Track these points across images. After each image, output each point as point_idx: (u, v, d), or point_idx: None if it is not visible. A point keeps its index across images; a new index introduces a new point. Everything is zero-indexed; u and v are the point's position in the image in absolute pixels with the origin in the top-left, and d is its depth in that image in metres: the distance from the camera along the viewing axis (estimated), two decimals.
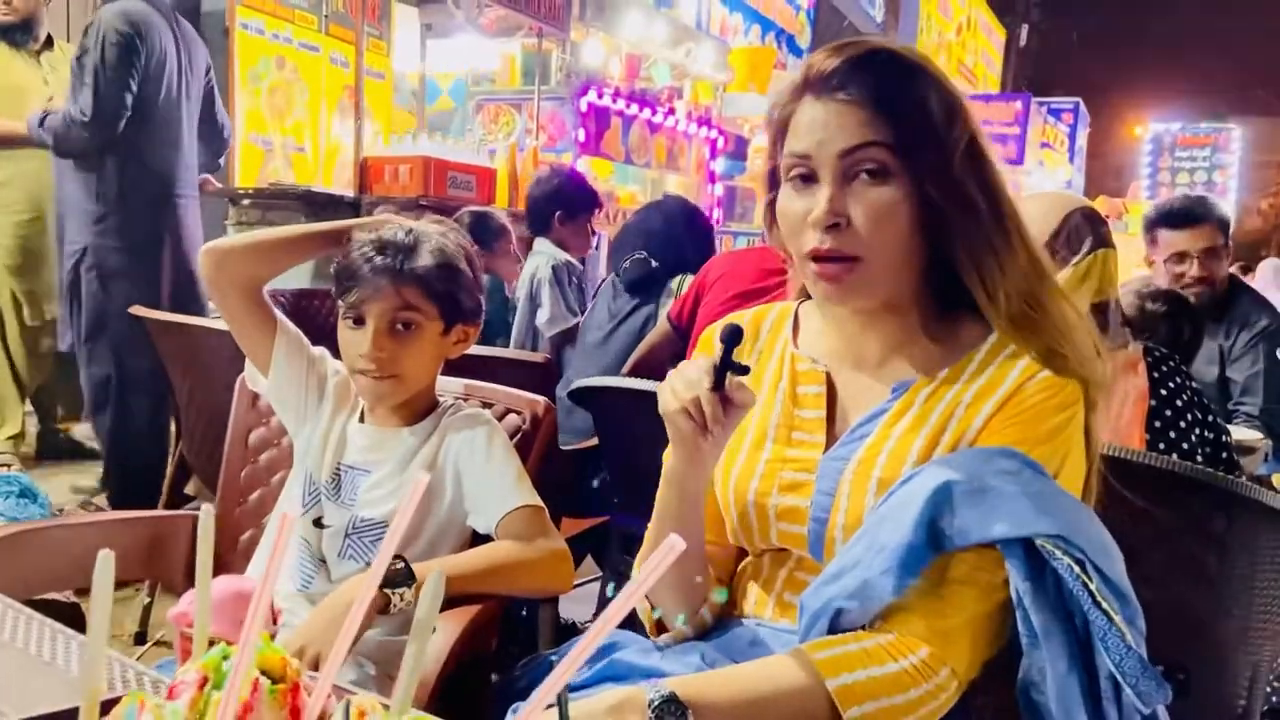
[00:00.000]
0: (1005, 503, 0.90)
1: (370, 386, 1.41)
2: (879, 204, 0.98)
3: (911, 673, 0.93)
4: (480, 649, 1.34)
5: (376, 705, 0.65)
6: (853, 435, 1.05)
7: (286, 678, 0.73)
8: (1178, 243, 2.97)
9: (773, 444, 1.09)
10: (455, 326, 1.45)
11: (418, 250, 1.40)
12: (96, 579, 0.64)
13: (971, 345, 1.05)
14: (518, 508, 1.37)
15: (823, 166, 1.00)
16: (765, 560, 1.12)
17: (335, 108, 6.12)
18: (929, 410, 1.02)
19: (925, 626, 0.94)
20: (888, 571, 0.92)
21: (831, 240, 0.99)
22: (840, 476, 1.03)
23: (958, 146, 1.00)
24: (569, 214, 3.61)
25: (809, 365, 1.11)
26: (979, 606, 0.94)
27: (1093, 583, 0.89)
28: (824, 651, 0.94)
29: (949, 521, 0.91)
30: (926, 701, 0.93)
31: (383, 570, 0.71)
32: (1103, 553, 0.92)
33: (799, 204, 1.02)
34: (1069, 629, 0.91)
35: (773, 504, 1.07)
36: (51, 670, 1.03)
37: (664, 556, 0.57)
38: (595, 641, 0.60)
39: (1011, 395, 1.00)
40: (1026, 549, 0.91)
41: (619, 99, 6.57)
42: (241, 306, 1.44)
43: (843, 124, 0.99)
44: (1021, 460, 0.95)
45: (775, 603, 1.09)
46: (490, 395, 1.60)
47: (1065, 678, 0.90)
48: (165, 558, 1.51)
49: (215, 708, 0.67)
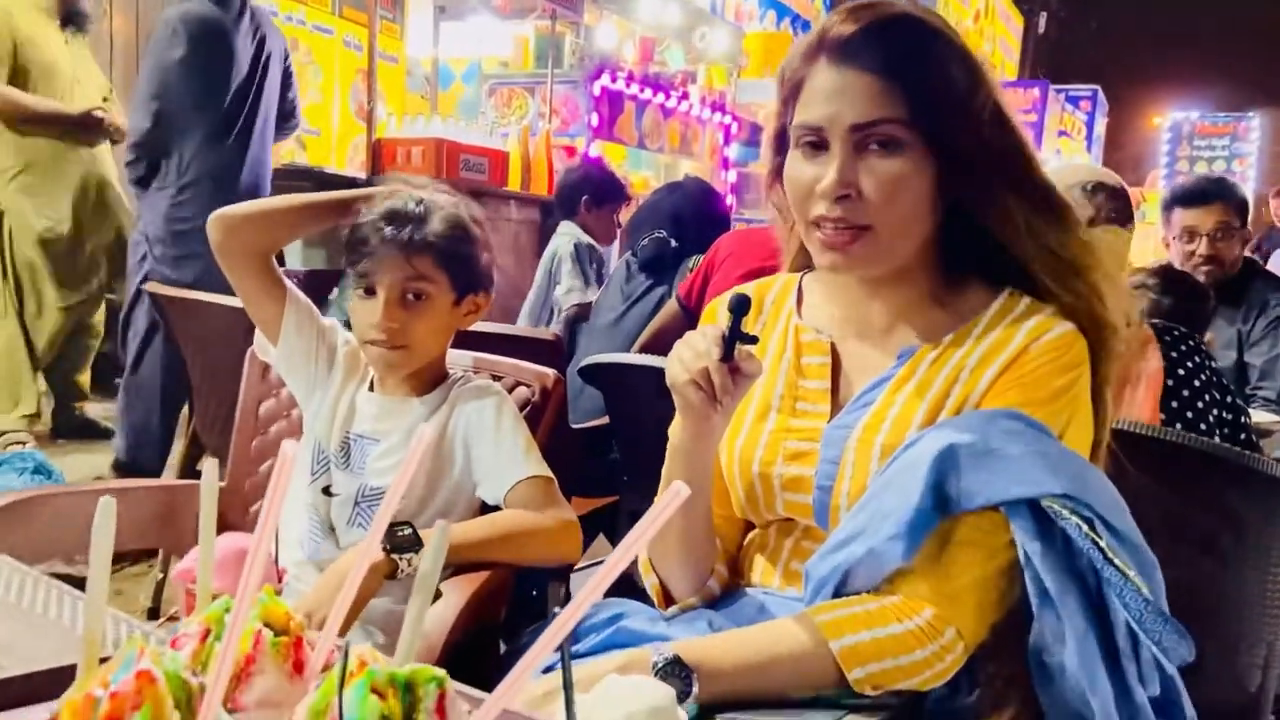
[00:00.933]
0: (1010, 464, 0.90)
1: (381, 356, 1.40)
2: (890, 175, 0.97)
3: (916, 633, 0.92)
4: (488, 618, 1.33)
5: (377, 655, 0.65)
6: (857, 403, 1.05)
7: (290, 631, 0.73)
8: (1189, 220, 2.96)
9: (777, 414, 1.09)
10: (466, 297, 1.44)
11: (429, 220, 1.39)
12: (96, 526, 0.64)
13: (977, 310, 1.04)
14: (526, 478, 1.37)
15: (834, 137, 0.99)
16: (771, 531, 1.11)
17: (348, 91, 6.12)
18: (933, 375, 1.02)
19: (930, 588, 0.94)
20: (895, 538, 0.91)
21: (841, 210, 0.98)
22: (845, 444, 1.02)
23: (982, 114, 0.99)
24: (595, 200, 3.77)
25: (813, 336, 1.10)
26: (984, 568, 0.94)
27: (1102, 540, 0.88)
28: (829, 614, 0.95)
29: (954, 485, 0.91)
30: (932, 662, 0.92)
31: (386, 521, 0.70)
32: (1112, 508, 0.92)
33: (808, 171, 1.00)
34: (1082, 588, 0.90)
35: (777, 474, 1.06)
36: (58, 629, 1.03)
37: (669, 503, 0.56)
38: (599, 588, 0.60)
39: (1016, 357, 0.99)
40: (1033, 510, 0.90)
41: (632, 83, 6.54)
42: (251, 274, 1.44)
43: (857, 95, 0.97)
44: (1026, 422, 0.94)
45: (782, 573, 1.09)
46: (500, 368, 1.59)
47: (1084, 637, 0.90)
48: (176, 526, 1.51)
49: (218, 658, 0.67)
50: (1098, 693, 0.89)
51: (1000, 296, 1.04)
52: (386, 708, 0.60)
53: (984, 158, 0.98)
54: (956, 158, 0.98)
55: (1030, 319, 1.01)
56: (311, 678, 0.72)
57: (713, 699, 0.93)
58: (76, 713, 0.59)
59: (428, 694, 0.62)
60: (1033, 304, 1.03)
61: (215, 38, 3.18)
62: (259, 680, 0.70)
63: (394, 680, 0.62)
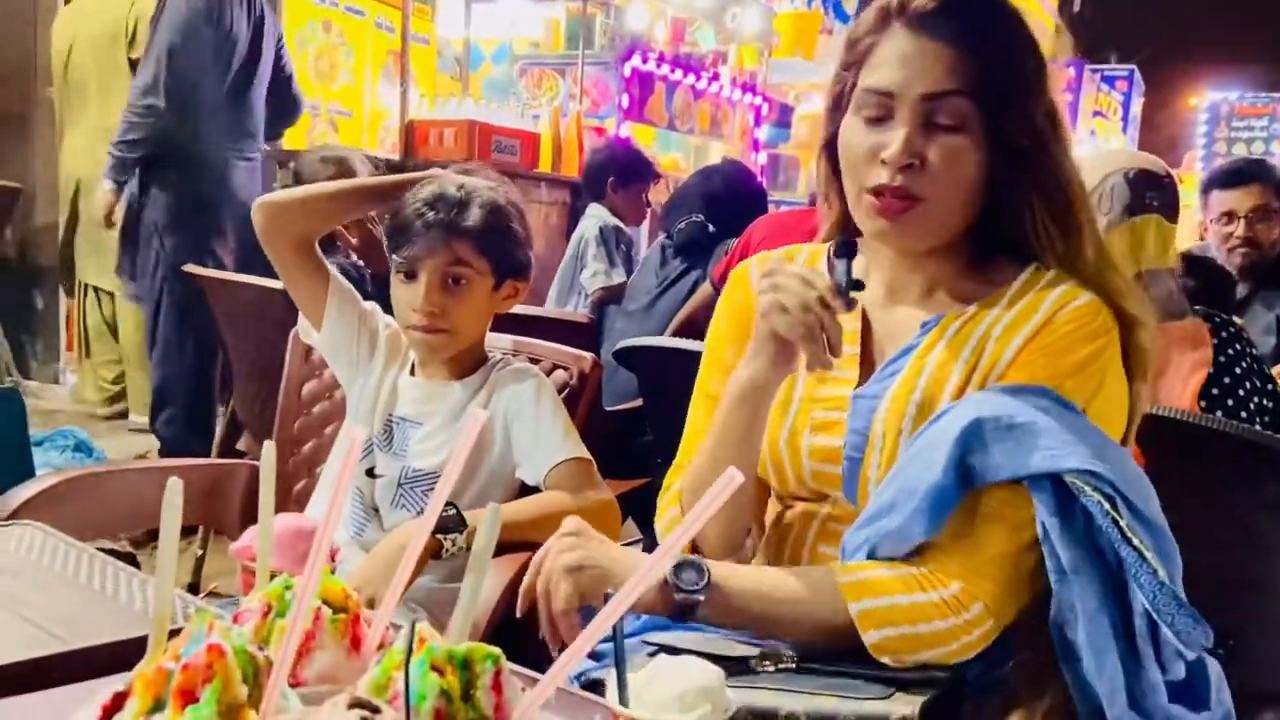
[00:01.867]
0: (1034, 438, 0.90)
1: (422, 340, 1.43)
2: (955, 150, 0.98)
3: (939, 605, 0.93)
4: None
5: (435, 633, 0.67)
6: (884, 372, 1.05)
7: (348, 608, 0.75)
8: (1226, 202, 2.92)
9: (804, 382, 1.09)
10: (506, 282, 1.46)
11: (469, 206, 1.41)
12: (165, 505, 0.66)
13: (1005, 281, 1.05)
14: (566, 460, 1.39)
15: (903, 104, 0.99)
16: (798, 510, 1.11)
17: (380, 72, 6.13)
18: (960, 344, 1.02)
19: (957, 562, 0.94)
20: (918, 512, 0.92)
21: (903, 179, 0.98)
22: (873, 415, 1.02)
23: (1040, 102, 1.00)
24: (621, 181, 3.74)
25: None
26: (1010, 542, 0.94)
27: (1123, 519, 0.89)
28: (852, 574, 0.96)
29: (979, 458, 0.92)
30: (958, 634, 0.93)
31: (442, 502, 0.72)
32: (1134, 488, 0.92)
33: (870, 138, 1.00)
34: (1099, 565, 0.91)
35: (805, 444, 1.07)
36: (113, 604, 1.06)
37: (724, 487, 0.58)
38: (655, 568, 0.61)
39: (1042, 326, 0.99)
40: (1055, 485, 0.90)
41: (663, 64, 6.52)
42: (295, 259, 1.46)
43: (931, 65, 0.98)
44: (1052, 398, 0.94)
45: (810, 555, 1.08)
46: (538, 351, 1.61)
47: (1095, 615, 0.90)
48: (221, 504, 1.54)
49: (279, 633, 0.69)
50: (1105, 671, 0.90)
51: (1027, 269, 1.05)
52: (446, 683, 0.62)
53: (1030, 149, 0.99)
54: (1007, 143, 0.99)
55: (1056, 287, 1.02)
56: (369, 654, 0.74)
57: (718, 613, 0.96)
58: (149, 684, 0.61)
59: (484, 671, 0.64)
60: (1059, 274, 1.04)
61: (220, 8, 3.18)
62: (319, 656, 0.72)
63: (452, 657, 0.63)
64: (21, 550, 1.18)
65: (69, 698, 0.69)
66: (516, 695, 0.65)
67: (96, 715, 0.62)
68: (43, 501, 1.35)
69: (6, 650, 0.87)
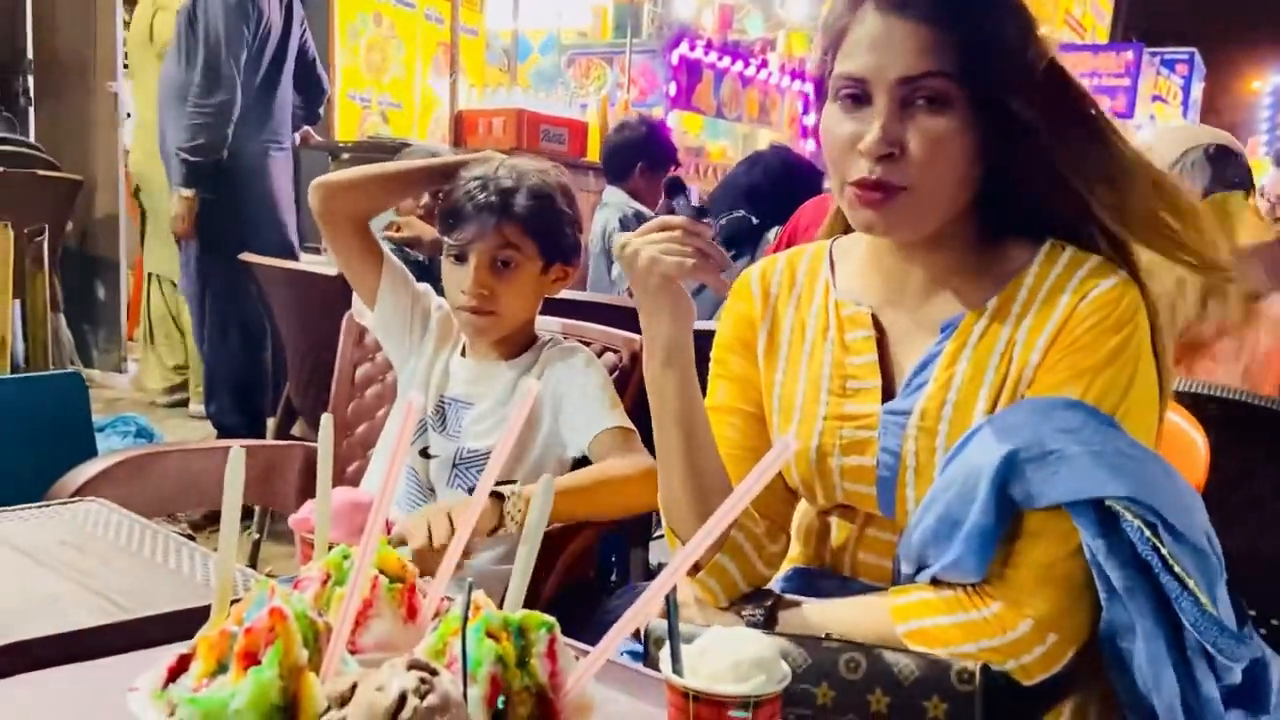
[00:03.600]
0: (1070, 465, 0.87)
1: (470, 321, 1.45)
2: (937, 134, 0.92)
3: (982, 624, 0.91)
4: (579, 575, 1.37)
5: (489, 601, 0.67)
6: (909, 387, 1.00)
7: (405, 578, 0.76)
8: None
9: (828, 395, 1.04)
10: (554, 265, 1.47)
11: (519, 189, 1.43)
12: (229, 469, 0.68)
13: (1019, 268, 0.99)
14: (610, 428, 1.40)
15: (879, 91, 0.93)
16: (835, 520, 1.08)
17: (430, 64, 6.19)
18: (986, 353, 0.97)
19: (1000, 580, 0.93)
20: (968, 554, 0.91)
21: (882, 170, 0.93)
22: (903, 434, 0.99)
23: (1034, 71, 0.94)
24: (650, 165, 3.59)
25: (853, 309, 1.05)
26: (1054, 557, 0.91)
27: (1164, 545, 0.86)
28: (902, 598, 0.96)
29: (1018, 489, 0.89)
30: (1011, 653, 0.91)
31: (496, 470, 0.73)
32: (1176, 507, 0.88)
33: (847, 126, 0.95)
34: (1150, 583, 0.88)
35: (836, 464, 1.03)
36: (174, 577, 1.08)
37: (778, 455, 0.57)
38: (711, 535, 0.61)
39: (1065, 321, 0.95)
40: (1097, 507, 0.88)
41: (711, 51, 6.50)
42: (350, 239, 1.48)
43: (905, 47, 0.92)
44: (1085, 412, 0.91)
45: (852, 563, 1.07)
46: (588, 334, 1.62)
47: (1151, 633, 0.88)
48: (277, 484, 1.57)
49: (338, 601, 0.70)
50: (1162, 690, 0.88)
51: (1042, 250, 0.99)
52: (501, 649, 0.62)
53: (1036, 118, 0.94)
54: (1004, 118, 0.93)
55: (1075, 273, 0.97)
56: (424, 623, 0.75)
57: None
58: (212, 647, 0.62)
59: (539, 639, 0.64)
60: (1076, 254, 0.98)
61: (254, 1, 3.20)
62: (376, 624, 0.73)
63: (508, 624, 0.64)
64: (87, 525, 1.21)
65: (134, 664, 0.71)
66: (570, 664, 0.66)
67: (162, 676, 0.63)
68: (106, 480, 1.39)
69: (74, 619, 0.90)
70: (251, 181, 3.34)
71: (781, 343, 1.10)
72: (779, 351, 1.10)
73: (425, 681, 0.53)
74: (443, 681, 0.54)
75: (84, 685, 0.79)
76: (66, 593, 1.00)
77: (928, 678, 0.88)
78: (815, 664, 0.90)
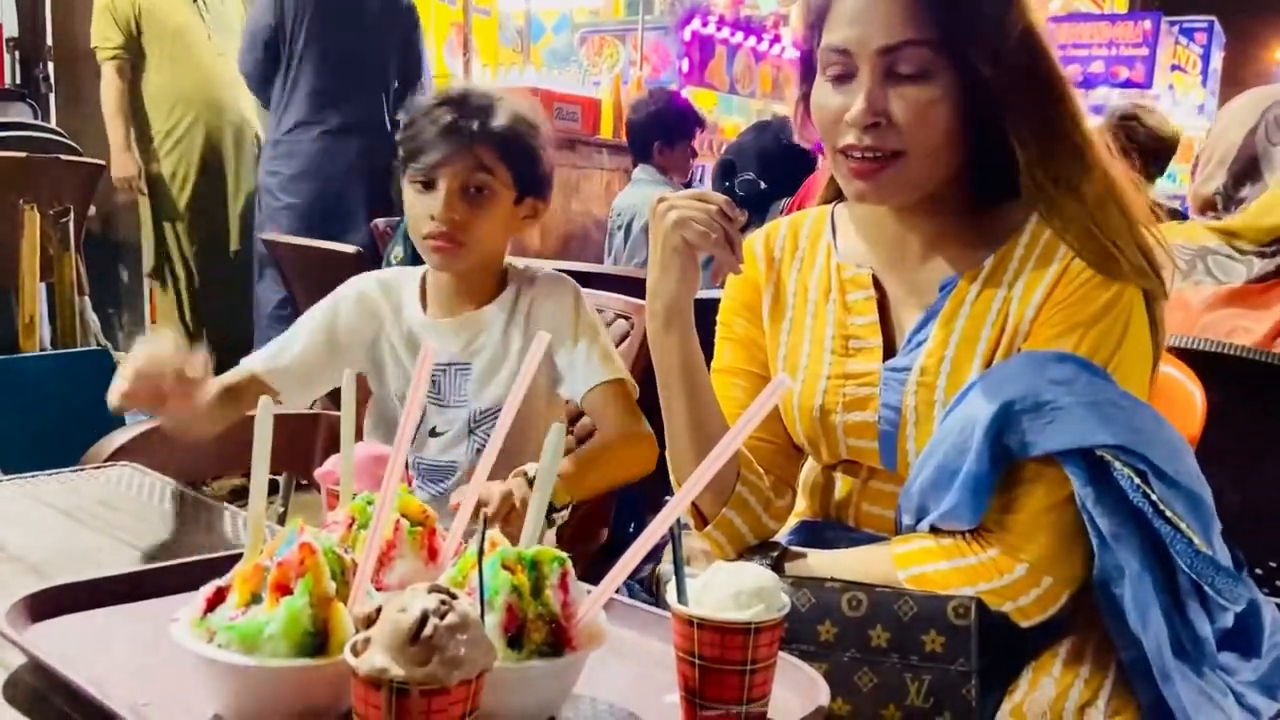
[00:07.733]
0: (1063, 415, 0.90)
1: (439, 251, 1.36)
2: (920, 102, 0.96)
3: (980, 568, 0.95)
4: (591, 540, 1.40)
5: (505, 540, 0.71)
6: (909, 344, 1.04)
7: (425, 522, 0.80)
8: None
9: (831, 355, 1.08)
10: (527, 199, 1.40)
11: (495, 111, 1.35)
12: (258, 423, 0.72)
13: (1014, 228, 1.02)
14: (607, 381, 1.35)
15: (862, 61, 0.97)
16: (839, 474, 1.12)
17: (443, 45, 6.20)
18: (982, 313, 1.01)
19: (995, 527, 0.96)
20: (963, 504, 0.94)
21: (870, 138, 0.97)
22: (904, 389, 1.02)
23: (1011, 35, 0.96)
24: (668, 141, 3.60)
25: (854, 271, 1.09)
26: (1047, 500, 0.95)
27: (1154, 492, 0.89)
28: (902, 546, 1.01)
29: (1012, 438, 0.92)
30: (1009, 595, 0.95)
31: (505, 430, 0.77)
32: (1166, 455, 0.91)
33: (836, 99, 0.99)
34: (1139, 529, 0.91)
35: (839, 421, 1.07)
36: (205, 533, 1.13)
37: (774, 390, 0.61)
38: (710, 471, 0.65)
39: (1058, 279, 0.98)
40: (1087, 457, 0.91)
41: (723, 27, 6.48)
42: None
43: (885, 17, 0.95)
44: (1078, 365, 0.94)
45: (856, 515, 1.10)
46: (601, 301, 1.64)
47: (1139, 576, 0.91)
48: (303, 451, 1.62)
49: (363, 542, 0.74)
50: (1149, 627, 0.91)
51: (1035, 216, 1.02)
52: (517, 580, 0.66)
53: (1009, 84, 0.96)
54: (983, 82, 0.96)
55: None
56: (444, 564, 0.79)
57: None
58: (247, 580, 0.67)
59: (552, 571, 0.69)
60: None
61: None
62: (399, 564, 0.78)
63: (522, 558, 0.68)
64: (120, 487, 1.26)
65: (173, 603, 0.75)
66: (582, 595, 0.70)
67: (201, 607, 0.68)
68: (137, 446, 1.44)
69: (114, 569, 0.95)
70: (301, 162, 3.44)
71: (785, 305, 1.14)
72: (783, 314, 1.14)
73: (445, 603, 0.57)
74: (462, 603, 0.58)
75: (132, 620, 0.84)
76: (106, 545, 1.06)
77: (925, 612, 0.92)
78: (819, 603, 0.94)
